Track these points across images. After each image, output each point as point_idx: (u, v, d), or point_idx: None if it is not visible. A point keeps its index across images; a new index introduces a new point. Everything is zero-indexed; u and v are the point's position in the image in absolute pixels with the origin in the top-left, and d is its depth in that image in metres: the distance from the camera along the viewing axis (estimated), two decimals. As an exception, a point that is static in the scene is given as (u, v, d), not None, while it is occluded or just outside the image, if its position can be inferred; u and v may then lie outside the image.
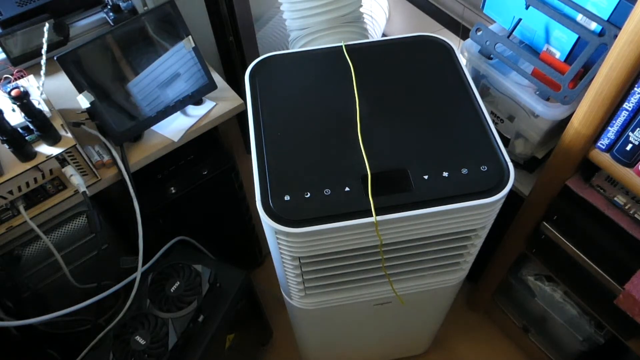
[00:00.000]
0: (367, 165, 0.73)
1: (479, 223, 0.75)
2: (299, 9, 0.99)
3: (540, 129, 0.91)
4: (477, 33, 0.90)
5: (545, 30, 0.87)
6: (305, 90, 0.84)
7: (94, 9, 1.19)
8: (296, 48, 1.04)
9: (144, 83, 0.98)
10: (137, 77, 0.97)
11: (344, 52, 0.88)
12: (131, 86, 0.96)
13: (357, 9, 1.03)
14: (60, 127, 0.88)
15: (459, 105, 0.80)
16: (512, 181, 0.72)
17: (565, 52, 0.86)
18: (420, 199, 0.71)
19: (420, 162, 0.74)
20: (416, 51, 0.89)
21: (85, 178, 0.93)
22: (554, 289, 1.11)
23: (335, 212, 0.70)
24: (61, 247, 0.97)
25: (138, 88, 0.97)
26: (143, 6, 1.17)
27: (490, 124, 0.77)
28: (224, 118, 1.07)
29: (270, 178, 0.73)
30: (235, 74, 1.43)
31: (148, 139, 1.02)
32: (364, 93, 0.82)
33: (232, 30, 1.34)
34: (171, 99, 1.00)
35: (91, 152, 0.97)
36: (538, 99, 0.85)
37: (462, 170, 0.73)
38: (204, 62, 1.01)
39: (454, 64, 0.86)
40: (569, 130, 0.81)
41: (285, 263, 0.79)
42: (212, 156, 1.13)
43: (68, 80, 0.88)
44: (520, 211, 1.04)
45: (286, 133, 0.78)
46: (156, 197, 1.08)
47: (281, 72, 0.87)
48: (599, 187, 0.86)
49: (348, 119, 0.79)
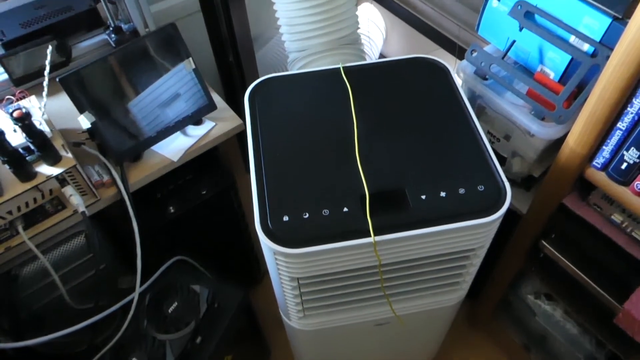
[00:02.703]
0: (365, 185, 0.74)
1: (477, 242, 0.76)
2: (298, 32, 1.01)
3: (536, 148, 0.92)
4: (473, 54, 0.92)
5: (539, 51, 0.89)
6: (304, 111, 0.85)
7: (96, 30, 1.21)
8: (295, 69, 1.06)
9: (144, 103, 0.99)
10: (137, 97, 0.98)
11: (341, 73, 0.90)
12: (132, 106, 0.97)
13: (355, 30, 1.05)
14: (61, 147, 0.89)
15: (455, 125, 0.81)
16: (509, 201, 0.72)
17: (559, 72, 0.87)
18: (418, 218, 0.71)
19: (418, 182, 0.74)
20: (413, 72, 0.90)
21: (84, 198, 0.93)
22: (554, 307, 1.10)
23: (333, 232, 0.70)
24: (59, 266, 0.97)
25: (138, 108, 0.98)
26: (144, 28, 1.19)
27: (487, 144, 0.78)
28: (224, 138, 1.07)
29: (269, 199, 0.73)
30: (235, 94, 1.44)
31: (148, 159, 1.02)
32: (362, 114, 0.83)
33: (232, 51, 1.36)
34: (171, 119, 1.01)
35: (91, 171, 0.98)
36: (533, 118, 0.86)
37: (460, 190, 0.73)
38: (204, 83, 1.03)
39: (450, 85, 0.87)
40: (565, 149, 0.82)
41: (283, 284, 0.79)
42: (211, 175, 1.14)
43: (69, 101, 0.89)
44: (518, 229, 1.04)
45: (285, 153, 0.79)
46: (155, 217, 1.08)
47: (280, 93, 0.88)
48: (596, 205, 0.86)
49: (346, 140, 0.80)
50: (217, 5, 1.30)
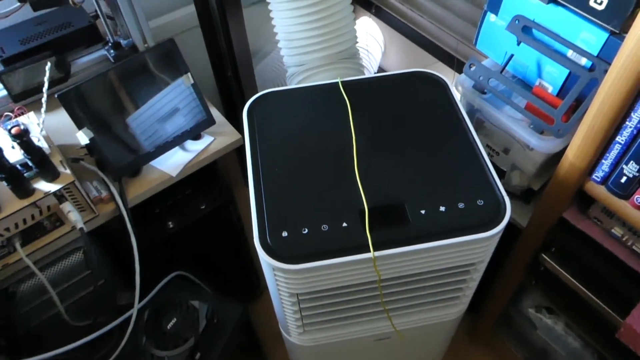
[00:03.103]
0: (364, 200, 0.73)
1: (477, 257, 0.75)
2: (296, 46, 1.01)
3: (536, 162, 0.92)
4: (471, 68, 0.92)
5: (537, 65, 0.89)
6: (303, 126, 0.85)
7: (95, 46, 1.21)
8: (293, 84, 1.06)
9: (143, 118, 0.99)
10: (136, 112, 0.98)
11: (340, 88, 0.90)
12: (130, 121, 0.97)
13: (354, 45, 1.06)
14: (59, 164, 0.89)
15: (454, 139, 0.81)
16: (508, 215, 0.72)
17: (558, 86, 0.88)
18: (417, 233, 0.71)
19: (417, 197, 0.74)
20: (411, 86, 0.90)
21: (83, 214, 0.93)
22: (555, 321, 1.09)
23: (333, 248, 0.70)
24: (57, 283, 0.96)
25: (137, 123, 0.98)
26: (143, 43, 1.20)
27: (486, 158, 0.78)
28: (222, 153, 1.07)
29: (268, 214, 0.73)
30: (234, 108, 1.45)
31: (146, 174, 1.02)
32: (361, 128, 0.83)
33: (230, 66, 1.36)
34: (170, 134, 1.01)
35: (89, 187, 0.97)
36: (532, 132, 0.86)
37: (459, 205, 0.73)
38: (202, 98, 1.03)
39: (449, 99, 0.87)
40: (564, 162, 0.82)
41: (283, 299, 0.78)
42: (210, 190, 1.14)
43: (68, 116, 0.89)
44: (518, 242, 1.04)
45: (284, 169, 0.78)
46: (154, 232, 1.08)
47: (278, 108, 0.88)
48: (596, 219, 0.86)
49: (345, 154, 0.80)
50: (215, 21, 1.31)
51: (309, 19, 0.97)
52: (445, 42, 1.67)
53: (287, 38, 1.02)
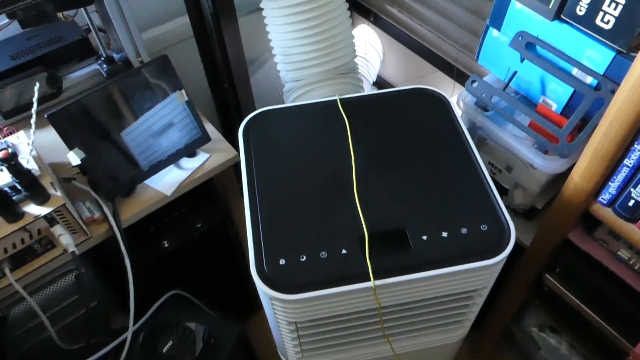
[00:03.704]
0: (364, 225, 0.71)
1: (481, 283, 0.73)
2: (293, 61, 0.99)
3: (540, 181, 0.90)
4: (473, 85, 0.90)
5: (541, 82, 0.87)
6: (300, 146, 0.82)
7: (88, 60, 1.19)
8: (290, 99, 1.04)
9: (136, 137, 0.96)
10: (129, 130, 0.95)
11: (338, 105, 0.87)
12: (123, 140, 0.95)
13: (352, 59, 1.03)
14: (50, 185, 0.86)
15: (456, 160, 0.79)
16: (513, 241, 0.70)
17: (562, 103, 0.85)
18: (419, 261, 0.68)
19: (419, 222, 0.72)
20: (412, 104, 0.88)
21: (74, 236, 0.90)
22: (559, 341, 1.07)
23: (332, 276, 0.67)
24: (48, 306, 0.93)
25: (130, 142, 0.96)
26: (137, 57, 1.17)
27: (489, 181, 0.75)
28: (218, 170, 1.05)
29: (265, 241, 0.71)
30: (230, 120, 1.42)
31: (140, 193, 1.00)
32: (360, 148, 0.81)
33: (226, 77, 1.34)
34: (164, 152, 0.99)
35: (82, 208, 0.95)
36: (536, 152, 0.84)
37: (462, 230, 0.71)
38: (197, 114, 1.00)
39: (451, 118, 0.85)
40: (569, 184, 0.79)
41: (281, 327, 0.76)
42: (206, 207, 1.11)
43: (59, 135, 0.87)
44: (521, 261, 1.01)
45: (281, 192, 0.76)
46: (149, 252, 1.05)
47: (275, 127, 0.85)
48: (602, 241, 0.84)
49: (344, 176, 0.77)
50: (210, 31, 1.28)
51: (307, 33, 0.95)
52: (444, 51, 1.65)
53: (284, 53, 1.00)
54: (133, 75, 0.92)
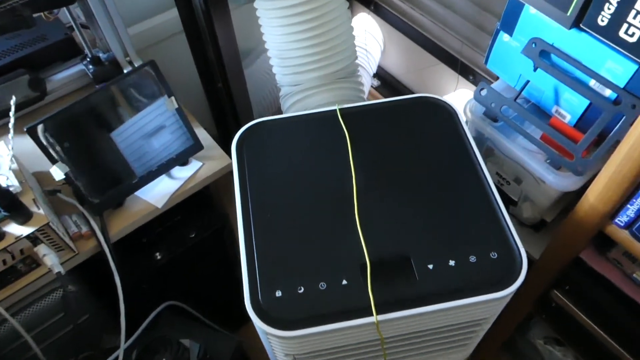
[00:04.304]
0: (365, 252, 0.66)
1: (489, 312, 0.69)
2: (290, 65, 0.93)
3: (550, 196, 0.85)
4: (481, 93, 0.84)
5: (555, 91, 0.81)
6: (297, 162, 0.77)
7: (73, 60, 1.12)
8: (287, 105, 0.98)
9: (123, 147, 0.91)
10: (116, 142, 0.90)
11: (338, 116, 0.82)
12: (110, 151, 0.90)
13: (353, 61, 0.97)
14: (32, 203, 0.81)
15: (464, 179, 0.74)
16: (525, 271, 0.65)
17: (577, 115, 0.80)
18: (425, 292, 0.64)
19: (424, 249, 0.67)
20: (416, 114, 0.83)
21: (61, 253, 0.86)
22: (564, 354, 1.04)
23: (332, 310, 0.63)
24: (33, 326, 0.89)
25: (117, 153, 0.90)
26: (124, 56, 1.11)
27: (499, 203, 0.71)
28: (212, 179, 1.00)
29: (260, 271, 0.66)
30: (225, 121, 1.36)
31: (130, 206, 0.95)
32: (361, 164, 0.76)
33: (220, 75, 1.28)
34: (154, 163, 0.94)
35: (68, 222, 0.90)
36: (548, 167, 0.79)
37: (470, 258, 0.66)
38: (188, 122, 0.95)
39: (457, 130, 0.79)
40: (583, 204, 0.75)
41: (278, 358, 0.72)
42: (201, 216, 1.07)
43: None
44: (528, 275, 0.97)
45: (277, 215, 0.71)
46: (141, 264, 1.01)
47: (270, 141, 0.80)
48: (616, 261, 0.80)
49: (344, 197, 0.72)
50: (201, 25, 1.21)
51: (304, 36, 0.89)
52: (448, 44, 1.58)
53: (280, 56, 0.94)
54: (118, 83, 0.86)
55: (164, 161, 0.94)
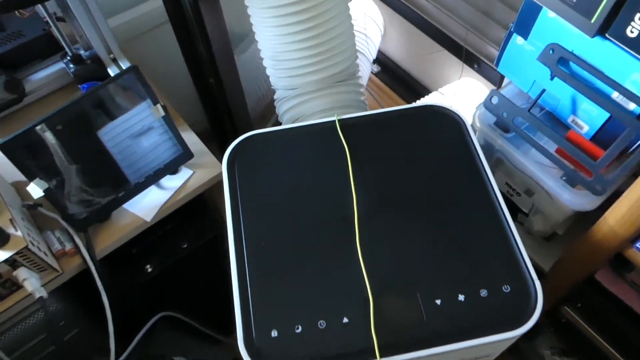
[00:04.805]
0: (368, 287, 0.61)
1: (499, 349, 0.65)
2: (286, 68, 0.86)
3: (564, 212, 0.80)
4: (492, 101, 0.78)
5: (572, 101, 0.75)
6: (294, 182, 0.71)
7: (53, 58, 1.05)
8: (283, 110, 0.91)
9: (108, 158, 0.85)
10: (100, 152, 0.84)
11: (337, 128, 0.76)
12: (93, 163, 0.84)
13: (353, 62, 0.90)
14: (9, 224, 0.76)
15: (474, 201, 0.68)
16: (540, 307, 0.61)
17: (595, 127, 0.74)
18: (432, 332, 0.59)
19: (432, 282, 0.62)
20: (421, 125, 0.76)
21: (43, 273, 0.81)
22: (573, 365, 1.01)
23: (332, 352, 0.58)
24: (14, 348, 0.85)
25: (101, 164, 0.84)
26: (108, 54, 1.03)
27: (512, 228, 0.65)
28: (203, 188, 0.94)
29: (255, 309, 0.61)
30: (219, 117, 1.29)
31: (116, 219, 0.89)
32: (362, 184, 0.70)
33: (211, 69, 1.20)
34: (141, 173, 0.88)
35: (51, 239, 0.85)
36: (564, 185, 0.74)
37: (481, 292, 0.61)
38: (176, 130, 0.88)
39: (466, 144, 0.73)
40: (602, 226, 0.69)
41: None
42: (193, 225, 1.01)
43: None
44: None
45: (272, 244, 0.66)
46: (131, 277, 0.96)
47: (265, 156, 0.74)
48: (634, 284, 0.75)
49: (344, 221, 0.67)
50: (188, 15, 1.12)
51: (300, 37, 0.82)
52: (452, 30, 1.50)
53: (274, 57, 0.87)
54: (97, 93, 0.80)
55: (151, 172, 0.88)
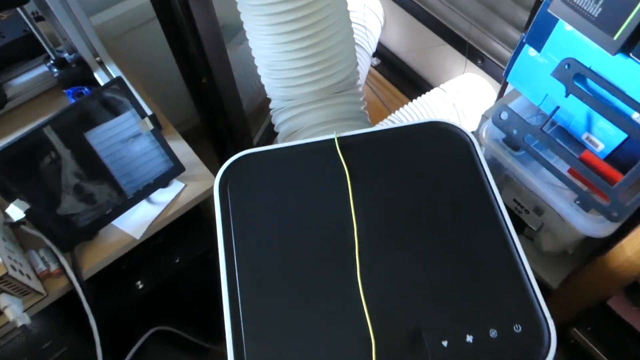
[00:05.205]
0: (369, 325, 0.58)
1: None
2: (283, 78, 0.80)
3: (576, 234, 0.75)
4: (502, 117, 0.73)
5: (587, 118, 0.70)
6: (290, 205, 0.67)
7: (36, 60, 0.99)
8: (279, 121, 0.86)
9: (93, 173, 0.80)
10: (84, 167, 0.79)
11: (337, 147, 0.71)
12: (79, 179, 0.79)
13: (353, 70, 0.85)
14: (-12, 249, 0.71)
15: (483, 231, 0.64)
16: (554, 348, 0.57)
17: (611, 146, 0.69)
18: (439, 376, 0.56)
19: (438, 320, 0.58)
20: (425, 144, 0.72)
21: (27, 297, 0.77)
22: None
23: (331, 398, 0.55)
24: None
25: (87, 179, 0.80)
26: (94, 56, 0.98)
27: (524, 260, 0.61)
28: (196, 202, 0.90)
29: (248, 349, 0.57)
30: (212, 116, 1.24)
31: (104, 237, 0.85)
32: (363, 210, 0.66)
33: (203, 69, 1.14)
34: (129, 189, 0.83)
35: (35, 259, 0.80)
36: (578, 209, 0.69)
37: (491, 333, 0.57)
38: (166, 143, 0.83)
39: (475, 165, 0.69)
40: (618, 255, 0.65)
41: None
42: (186, 238, 0.97)
43: None
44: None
45: (266, 275, 0.62)
46: (121, 295, 0.92)
47: (259, 178, 0.69)
48: (648, 311, 0.71)
49: (344, 252, 0.63)
50: (176, 10, 1.05)
51: (298, 46, 0.76)
52: (455, 24, 1.44)
53: (269, 66, 0.81)
54: (82, 104, 0.74)
55: (140, 187, 0.83)
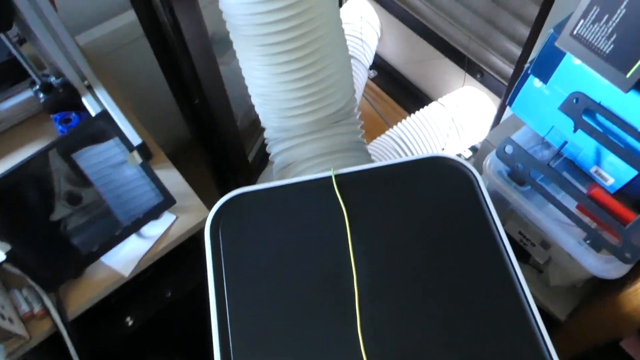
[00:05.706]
0: (371, 381, 0.54)
1: None
2: (278, 108, 0.77)
3: (585, 272, 0.72)
4: (506, 151, 0.70)
5: (596, 152, 0.67)
6: (285, 248, 0.64)
7: (22, 84, 0.95)
8: (273, 153, 0.82)
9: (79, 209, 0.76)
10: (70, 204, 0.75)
11: (334, 185, 0.68)
12: (64, 217, 0.75)
13: (350, 99, 0.81)
14: (-33, 295, 0.68)
15: (489, 275, 0.61)
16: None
17: (622, 181, 0.66)
18: None
19: (442, 372, 0.55)
20: (427, 181, 0.68)
21: (9, 342, 0.73)
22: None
23: None
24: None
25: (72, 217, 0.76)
26: (82, 80, 0.94)
27: (533, 307, 0.58)
28: (187, 235, 0.86)
29: (241, 411, 0.54)
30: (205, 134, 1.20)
31: (90, 274, 0.81)
32: (363, 253, 0.62)
33: (195, 89, 1.10)
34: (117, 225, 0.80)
35: (18, 299, 0.77)
36: (587, 249, 0.66)
37: (497, 384, 0.54)
38: (155, 177, 0.80)
39: (479, 204, 0.65)
40: (632, 299, 0.62)
41: None
42: (177, 271, 0.93)
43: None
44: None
45: (260, 330, 0.58)
46: (109, 332, 0.89)
47: (253, 220, 0.66)
48: (661, 354, 0.68)
49: (342, 297, 0.59)
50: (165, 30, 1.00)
51: (294, 76, 0.72)
52: (453, 38, 1.41)
53: (262, 95, 0.78)
54: (66, 140, 0.71)
55: (128, 223, 0.80)
